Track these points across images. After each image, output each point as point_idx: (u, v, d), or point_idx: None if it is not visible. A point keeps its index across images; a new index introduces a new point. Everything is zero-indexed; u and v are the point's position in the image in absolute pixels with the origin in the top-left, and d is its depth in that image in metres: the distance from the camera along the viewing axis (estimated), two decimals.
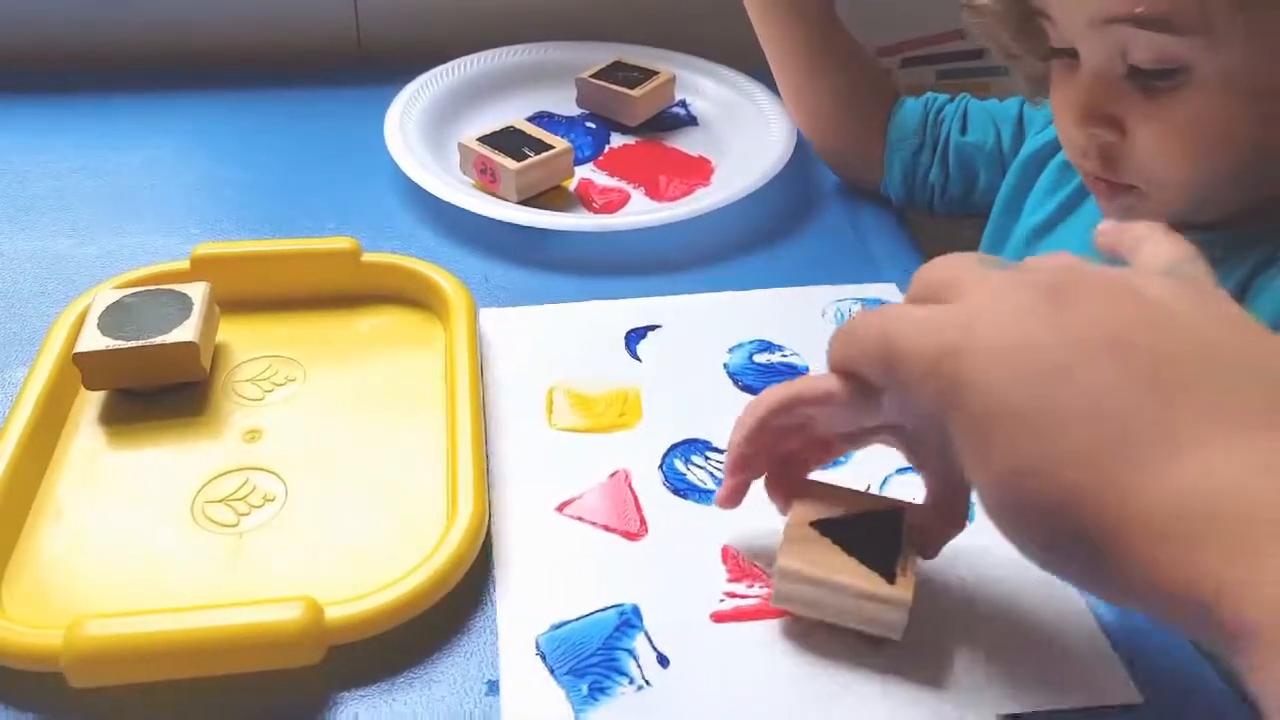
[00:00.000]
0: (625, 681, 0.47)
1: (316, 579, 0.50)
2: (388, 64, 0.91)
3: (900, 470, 0.57)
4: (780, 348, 0.67)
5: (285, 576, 0.51)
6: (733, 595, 0.51)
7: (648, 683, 0.47)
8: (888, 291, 0.72)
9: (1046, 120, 0.74)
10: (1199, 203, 0.58)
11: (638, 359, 0.65)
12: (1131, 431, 0.27)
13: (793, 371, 0.65)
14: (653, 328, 0.68)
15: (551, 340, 0.67)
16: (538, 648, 0.49)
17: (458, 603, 0.50)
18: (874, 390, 0.40)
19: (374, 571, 0.49)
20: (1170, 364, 0.28)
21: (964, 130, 0.78)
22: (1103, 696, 0.47)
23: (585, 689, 0.47)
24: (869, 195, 0.83)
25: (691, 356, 0.66)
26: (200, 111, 0.90)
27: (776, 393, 0.47)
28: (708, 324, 0.68)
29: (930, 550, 0.49)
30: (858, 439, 0.49)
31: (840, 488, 0.51)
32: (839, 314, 0.70)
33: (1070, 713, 0.46)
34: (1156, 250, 0.36)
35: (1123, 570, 0.27)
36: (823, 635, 0.49)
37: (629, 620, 0.50)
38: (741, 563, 0.53)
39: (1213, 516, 0.26)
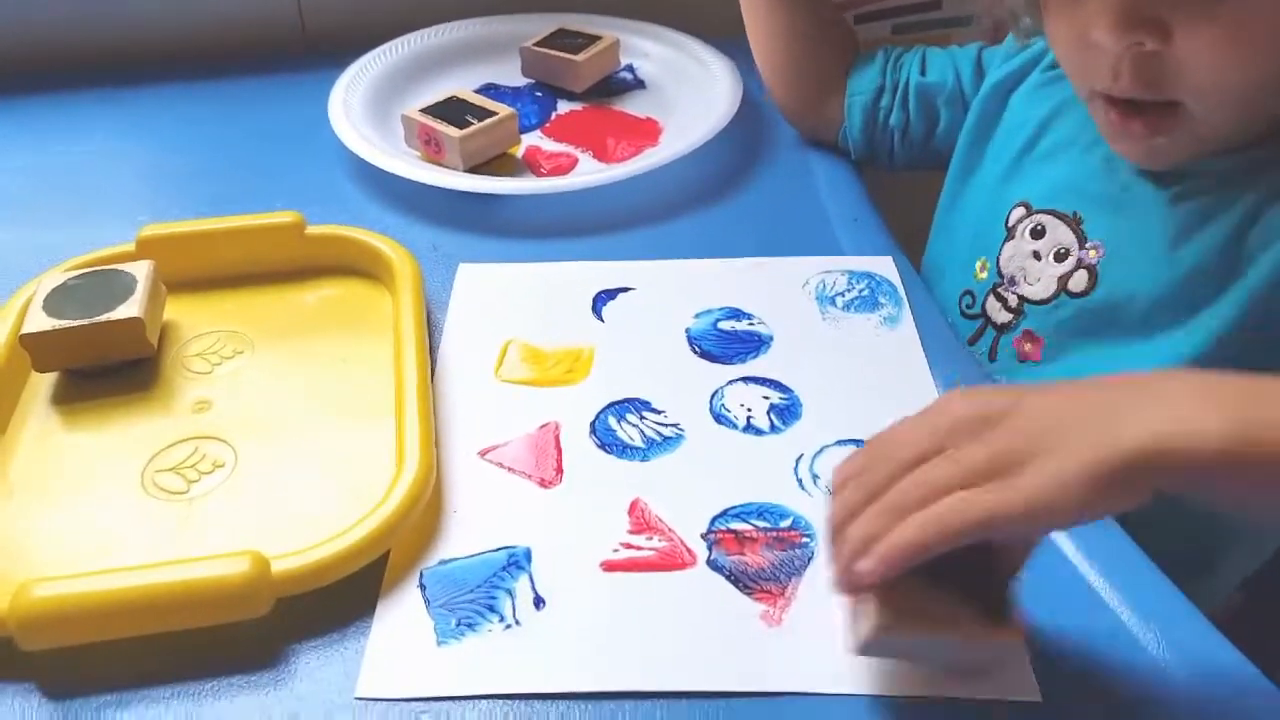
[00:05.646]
0: (495, 619, 0.48)
1: (266, 541, 0.50)
2: (332, 48, 0.91)
3: (839, 442, 0.56)
4: (749, 316, 0.66)
5: (235, 539, 0.51)
6: (629, 546, 0.51)
7: (517, 622, 0.48)
8: (881, 265, 0.69)
9: (1006, 55, 0.74)
10: (1239, 118, 0.56)
11: (600, 319, 0.66)
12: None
13: (756, 340, 0.64)
14: (624, 290, 0.68)
15: (521, 296, 0.67)
16: (420, 580, 0.50)
17: None
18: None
19: (323, 532, 0.50)
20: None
21: (923, 72, 0.79)
22: (1004, 691, 0.45)
23: (454, 623, 0.48)
24: (822, 148, 0.83)
25: (655, 320, 0.66)
26: (146, 102, 0.90)
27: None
28: (680, 289, 0.68)
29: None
30: None
31: None
32: (821, 285, 0.68)
33: (968, 702, 0.45)
34: None
35: None
36: (714, 590, 0.49)
37: (517, 561, 0.51)
38: (647, 517, 0.53)
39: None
